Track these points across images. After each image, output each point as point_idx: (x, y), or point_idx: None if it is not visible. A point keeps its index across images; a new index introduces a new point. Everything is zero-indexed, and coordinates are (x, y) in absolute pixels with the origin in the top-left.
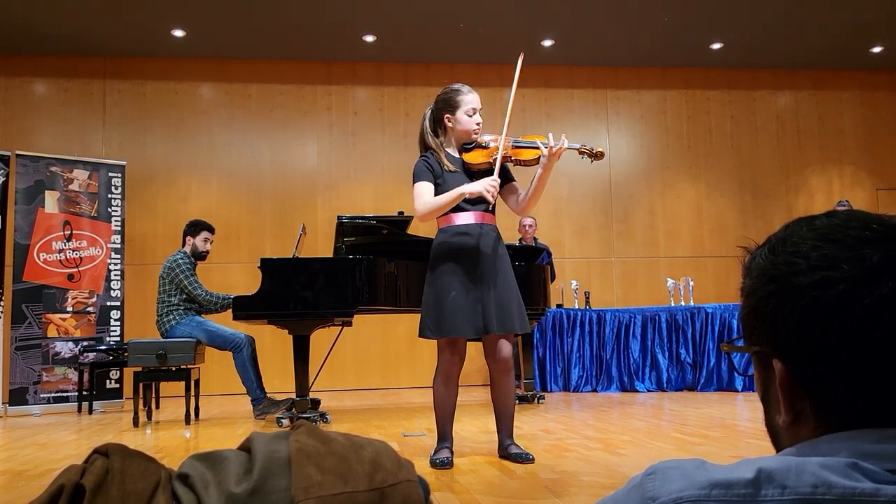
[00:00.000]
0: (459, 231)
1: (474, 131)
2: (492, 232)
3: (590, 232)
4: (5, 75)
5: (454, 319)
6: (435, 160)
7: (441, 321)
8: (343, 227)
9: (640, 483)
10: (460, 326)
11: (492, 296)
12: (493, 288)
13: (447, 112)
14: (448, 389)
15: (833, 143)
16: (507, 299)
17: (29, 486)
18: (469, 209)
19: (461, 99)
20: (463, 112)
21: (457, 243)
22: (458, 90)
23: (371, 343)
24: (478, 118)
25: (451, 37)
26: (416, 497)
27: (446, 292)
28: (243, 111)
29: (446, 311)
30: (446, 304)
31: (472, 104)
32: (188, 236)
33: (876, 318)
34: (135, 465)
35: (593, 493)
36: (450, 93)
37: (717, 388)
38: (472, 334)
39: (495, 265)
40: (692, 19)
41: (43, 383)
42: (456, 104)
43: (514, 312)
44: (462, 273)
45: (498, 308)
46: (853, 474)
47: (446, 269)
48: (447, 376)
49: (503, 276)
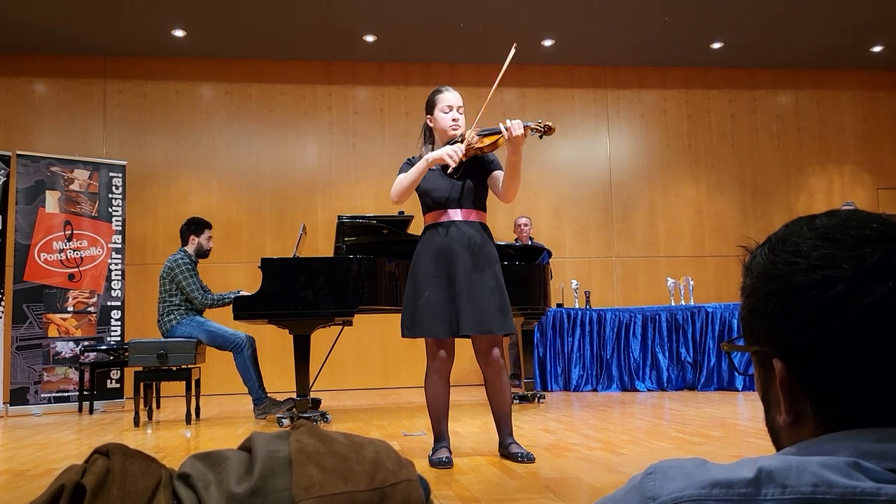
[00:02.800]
0: (441, 229)
1: (451, 127)
2: (475, 230)
3: (590, 232)
4: (6, 75)
5: (426, 319)
6: (417, 160)
7: (414, 320)
8: (343, 226)
9: (641, 482)
10: (432, 326)
11: (465, 296)
12: (466, 287)
13: (429, 113)
14: (439, 388)
15: (833, 142)
16: (484, 299)
17: (29, 485)
18: (450, 207)
19: (437, 98)
20: (438, 109)
21: (436, 242)
22: (436, 90)
23: (371, 343)
24: (454, 115)
25: (451, 37)
26: (416, 496)
27: (420, 291)
28: (243, 111)
29: (420, 311)
30: (419, 304)
31: (446, 101)
32: (192, 235)
33: (876, 318)
34: (135, 464)
35: (593, 493)
36: (430, 95)
37: (718, 387)
38: (445, 334)
39: (473, 263)
40: (692, 19)
41: (44, 383)
42: (433, 103)
43: (491, 313)
44: (438, 272)
45: (473, 308)
46: (854, 473)
47: (422, 267)
48: (438, 375)
49: (483, 276)
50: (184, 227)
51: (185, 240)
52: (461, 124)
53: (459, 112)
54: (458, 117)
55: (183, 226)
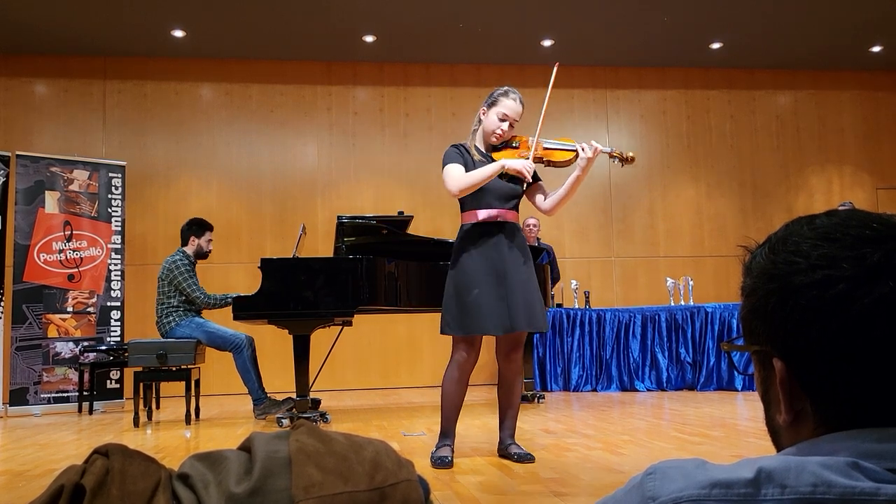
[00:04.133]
0: (483, 226)
1: (494, 135)
2: (515, 229)
3: (590, 232)
4: (5, 75)
5: (478, 317)
6: (465, 150)
7: (464, 318)
8: (343, 227)
9: (640, 483)
10: (485, 324)
11: (518, 293)
12: (518, 285)
13: (486, 105)
14: (459, 386)
15: (833, 142)
16: (533, 297)
17: (29, 486)
18: (494, 205)
19: (501, 100)
20: (494, 112)
21: (480, 239)
22: (505, 92)
23: (371, 343)
24: (504, 126)
25: (451, 37)
26: (416, 497)
27: (468, 289)
28: (243, 111)
29: (469, 308)
30: (468, 301)
31: (505, 109)
32: (193, 236)
33: (876, 317)
34: (135, 465)
35: (593, 493)
36: (499, 91)
37: (717, 387)
38: (499, 332)
39: (520, 262)
40: (692, 19)
41: (43, 383)
42: (495, 102)
43: (539, 311)
44: (486, 269)
45: (525, 306)
46: (853, 473)
47: (469, 264)
48: (460, 373)
49: (528, 274)
50: (185, 227)
51: (185, 240)
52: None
53: (511, 126)
54: (507, 130)
55: (184, 226)
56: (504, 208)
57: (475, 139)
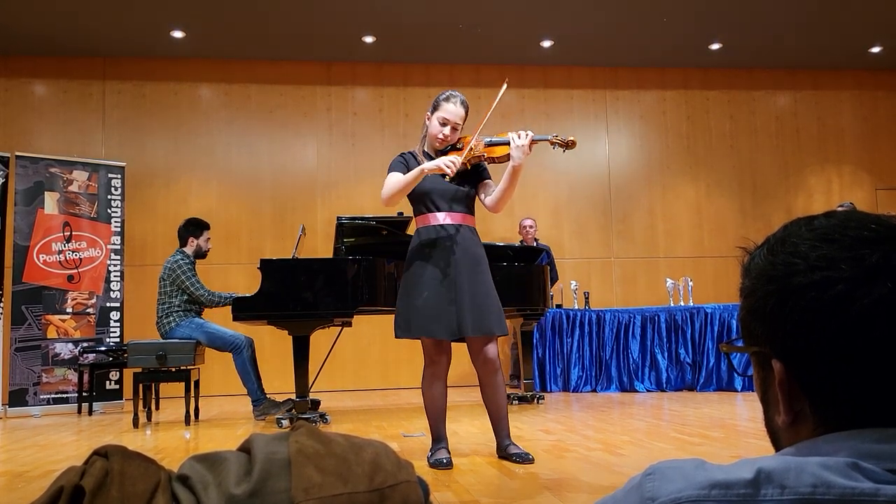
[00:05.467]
0: (435, 231)
1: (437, 139)
2: (468, 233)
3: (589, 232)
4: (5, 76)
5: (425, 320)
6: (411, 156)
7: (412, 321)
8: (343, 227)
9: (640, 483)
10: (431, 327)
11: (466, 297)
12: (468, 290)
13: (430, 111)
14: (436, 389)
15: (832, 143)
16: (484, 301)
17: (29, 487)
18: (443, 207)
19: (443, 105)
20: (436, 117)
21: (431, 244)
22: (447, 96)
23: (371, 343)
24: (446, 131)
25: (451, 37)
26: (415, 498)
27: (418, 293)
28: (243, 112)
29: (417, 312)
30: (417, 305)
31: (445, 113)
32: (191, 237)
33: (875, 318)
34: (134, 466)
35: (593, 493)
36: (442, 95)
37: (717, 388)
38: (445, 335)
39: (471, 266)
40: (692, 19)
41: (43, 384)
42: (437, 107)
43: (491, 314)
44: (435, 274)
45: (473, 310)
46: (853, 474)
47: (419, 269)
48: (434, 377)
49: (479, 278)
50: (182, 228)
51: (183, 241)
52: (450, 140)
53: (454, 130)
54: (450, 134)
55: (181, 227)
56: (453, 211)
57: (423, 145)
